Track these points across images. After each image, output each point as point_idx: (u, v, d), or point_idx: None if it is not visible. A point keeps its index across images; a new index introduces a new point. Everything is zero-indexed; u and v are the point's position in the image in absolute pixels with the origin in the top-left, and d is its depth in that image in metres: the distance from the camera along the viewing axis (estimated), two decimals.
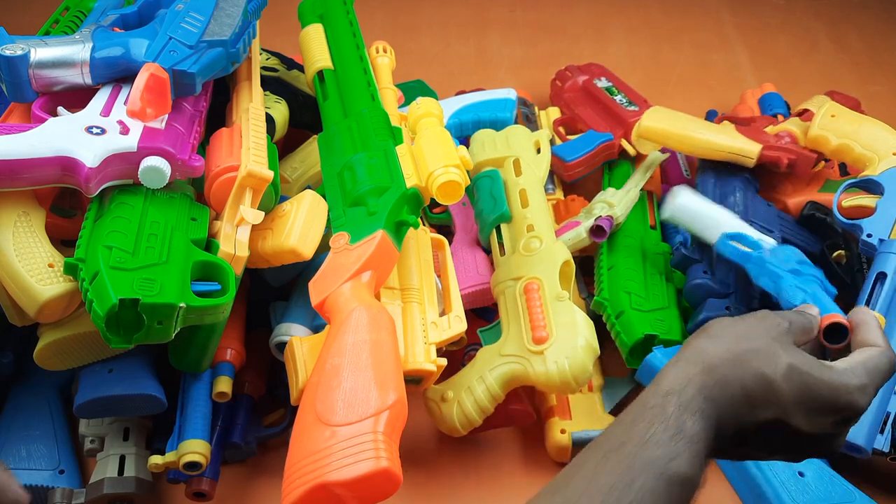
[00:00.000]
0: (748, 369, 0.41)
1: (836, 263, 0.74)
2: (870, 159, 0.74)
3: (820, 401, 0.42)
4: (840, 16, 1.22)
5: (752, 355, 0.42)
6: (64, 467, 0.61)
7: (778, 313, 0.46)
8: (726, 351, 0.42)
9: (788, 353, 0.42)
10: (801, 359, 0.42)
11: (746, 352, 0.42)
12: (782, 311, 0.49)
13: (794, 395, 0.41)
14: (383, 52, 0.82)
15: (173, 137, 0.59)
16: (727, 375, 0.41)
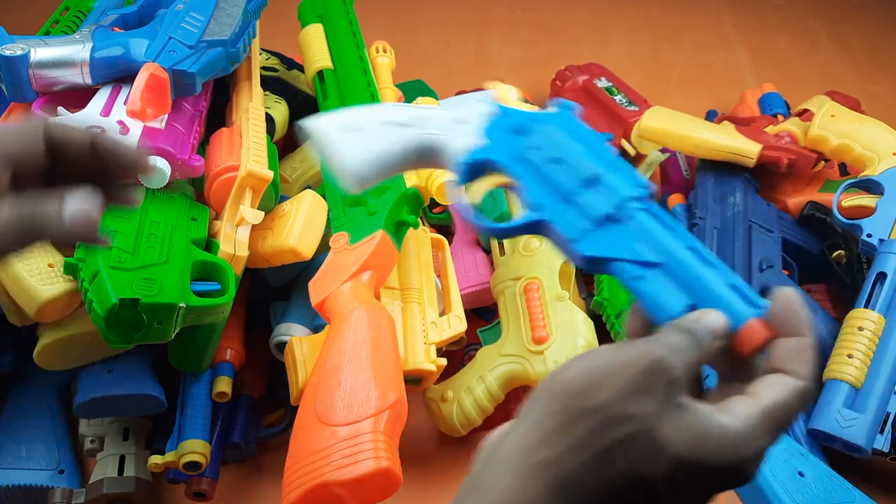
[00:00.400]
0: (611, 475, 0.30)
1: (836, 263, 0.74)
2: (870, 159, 0.74)
3: (710, 481, 0.31)
4: (840, 16, 1.22)
5: (618, 452, 0.30)
6: (64, 467, 0.61)
7: (655, 348, 0.32)
8: (576, 449, 0.30)
9: (673, 430, 0.30)
10: (690, 437, 0.30)
11: (611, 448, 0.30)
12: (658, 335, 0.33)
13: (683, 487, 0.31)
14: (383, 52, 0.82)
15: (173, 137, 0.59)
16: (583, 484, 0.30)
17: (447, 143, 0.42)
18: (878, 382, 0.61)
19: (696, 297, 0.36)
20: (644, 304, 0.36)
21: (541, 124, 0.41)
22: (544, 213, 0.39)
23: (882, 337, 0.63)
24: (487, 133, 0.42)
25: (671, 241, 0.37)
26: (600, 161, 0.40)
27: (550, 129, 0.41)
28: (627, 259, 0.37)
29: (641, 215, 0.38)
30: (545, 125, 0.41)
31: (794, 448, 0.57)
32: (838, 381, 0.61)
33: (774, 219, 0.75)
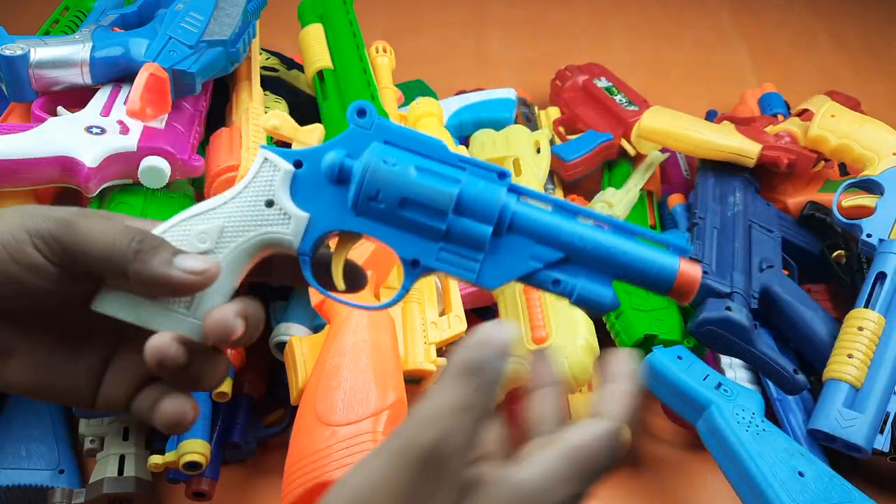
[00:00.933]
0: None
1: (836, 263, 0.74)
2: (870, 159, 0.74)
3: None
4: (840, 15, 1.22)
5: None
6: (64, 467, 0.61)
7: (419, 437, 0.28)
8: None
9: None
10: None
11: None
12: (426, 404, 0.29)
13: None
14: (383, 52, 0.82)
15: (173, 137, 0.59)
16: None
17: (272, 238, 0.35)
18: (877, 382, 0.61)
19: (617, 270, 0.34)
20: (579, 305, 0.35)
21: (355, 158, 0.35)
22: (422, 268, 0.35)
23: (882, 337, 0.63)
24: (302, 201, 0.35)
25: (563, 224, 0.35)
26: (445, 174, 0.35)
27: (372, 164, 0.35)
28: (534, 270, 0.35)
29: (521, 210, 0.35)
30: (361, 158, 0.35)
31: (794, 448, 0.57)
32: (838, 381, 0.61)
33: (774, 219, 0.75)
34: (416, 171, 0.35)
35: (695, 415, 0.61)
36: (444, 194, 0.35)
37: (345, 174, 0.35)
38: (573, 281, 0.35)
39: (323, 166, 0.35)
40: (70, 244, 0.33)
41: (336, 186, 0.35)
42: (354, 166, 0.35)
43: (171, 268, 0.33)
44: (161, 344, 0.33)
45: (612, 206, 0.74)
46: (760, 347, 0.63)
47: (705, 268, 0.67)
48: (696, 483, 0.66)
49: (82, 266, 0.34)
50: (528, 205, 0.36)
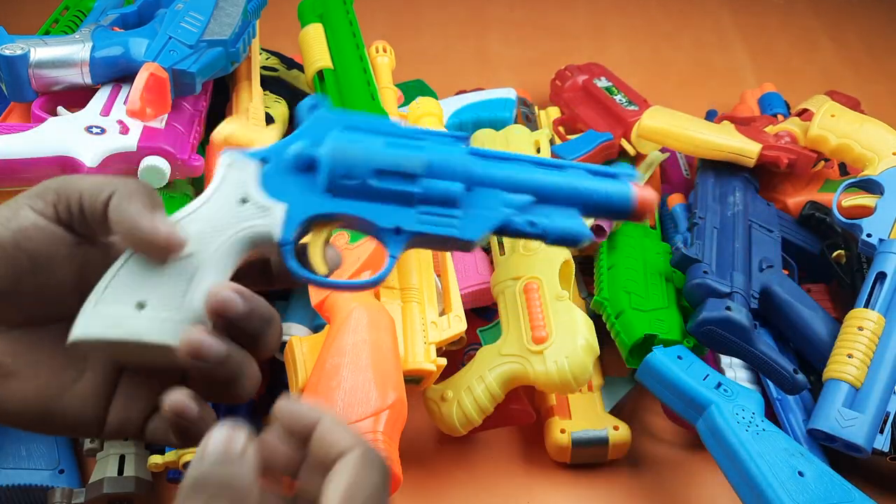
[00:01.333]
0: None
1: (836, 263, 0.74)
2: (870, 159, 0.74)
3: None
4: (840, 15, 1.22)
5: None
6: (63, 467, 0.61)
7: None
8: None
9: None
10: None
11: None
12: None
13: None
14: (383, 52, 0.82)
15: (173, 137, 0.59)
16: None
17: (252, 233, 0.36)
18: (877, 382, 0.61)
19: (582, 203, 0.38)
20: (557, 242, 0.38)
21: (319, 146, 0.37)
22: (406, 234, 0.37)
23: (882, 337, 0.63)
24: (275, 193, 0.36)
25: (527, 171, 0.38)
26: (411, 144, 0.37)
27: (339, 143, 0.36)
28: (510, 217, 0.37)
29: (486, 164, 0.38)
30: (326, 143, 0.37)
31: (794, 448, 0.57)
32: (838, 381, 0.61)
33: (774, 218, 0.75)
34: (383, 143, 0.37)
35: (695, 415, 0.61)
36: (414, 158, 0.37)
37: (312, 160, 0.36)
38: (546, 221, 0.38)
39: (289, 157, 0.37)
40: (60, 189, 0.34)
41: (305, 175, 0.36)
42: (320, 151, 0.36)
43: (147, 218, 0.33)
44: (223, 291, 0.32)
45: None
46: (760, 347, 0.63)
47: (705, 268, 0.67)
48: (695, 483, 0.66)
49: (77, 213, 0.34)
50: (491, 160, 0.39)
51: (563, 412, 0.66)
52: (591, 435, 0.64)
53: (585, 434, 0.64)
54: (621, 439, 0.65)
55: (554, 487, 0.65)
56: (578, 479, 0.66)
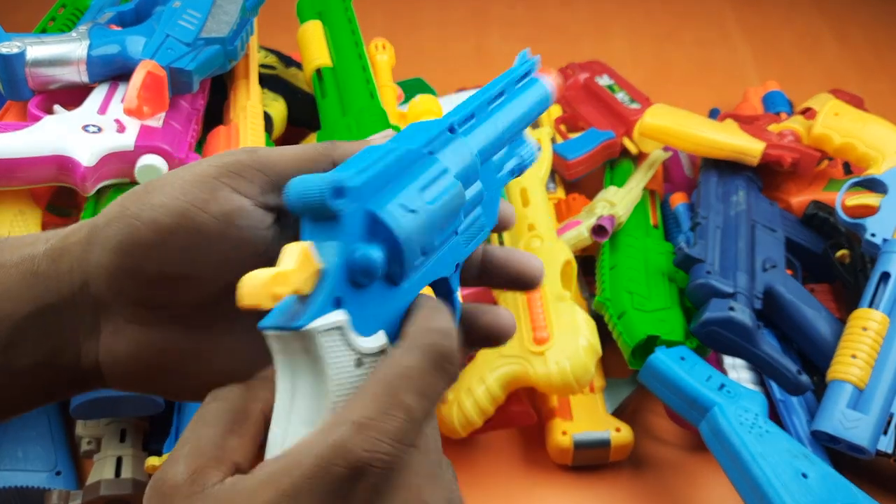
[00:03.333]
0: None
1: (840, 263, 0.73)
2: (874, 158, 0.73)
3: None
4: (844, 13, 1.22)
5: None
6: (60, 469, 0.61)
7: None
8: None
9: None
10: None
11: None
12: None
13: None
14: (382, 50, 0.82)
15: (170, 136, 0.59)
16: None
17: None
18: (881, 383, 0.61)
19: (525, 125, 0.38)
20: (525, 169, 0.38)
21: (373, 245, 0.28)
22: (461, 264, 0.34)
23: (886, 337, 0.62)
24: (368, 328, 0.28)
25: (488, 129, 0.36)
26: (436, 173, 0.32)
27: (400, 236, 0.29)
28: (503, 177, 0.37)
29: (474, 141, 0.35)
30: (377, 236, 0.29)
31: (797, 449, 0.57)
32: (842, 382, 0.61)
33: (778, 218, 0.75)
34: (418, 190, 0.31)
35: (697, 416, 0.61)
36: (458, 195, 0.32)
37: (382, 266, 0.28)
38: (517, 160, 0.38)
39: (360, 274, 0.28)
40: (264, 167, 0.30)
41: (376, 286, 0.29)
42: (376, 253, 0.28)
43: None
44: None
45: (613, 204, 0.74)
46: (763, 348, 0.63)
47: (708, 268, 0.66)
48: (698, 485, 0.65)
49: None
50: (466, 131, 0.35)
51: (565, 414, 0.65)
52: (593, 437, 0.64)
53: (587, 436, 0.64)
54: (623, 441, 0.64)
55: (555, 490, 0.65)
56: (580, 481, 0.65)
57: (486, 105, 0.36)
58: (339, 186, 0.27)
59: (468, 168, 0.33)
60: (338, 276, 0.27)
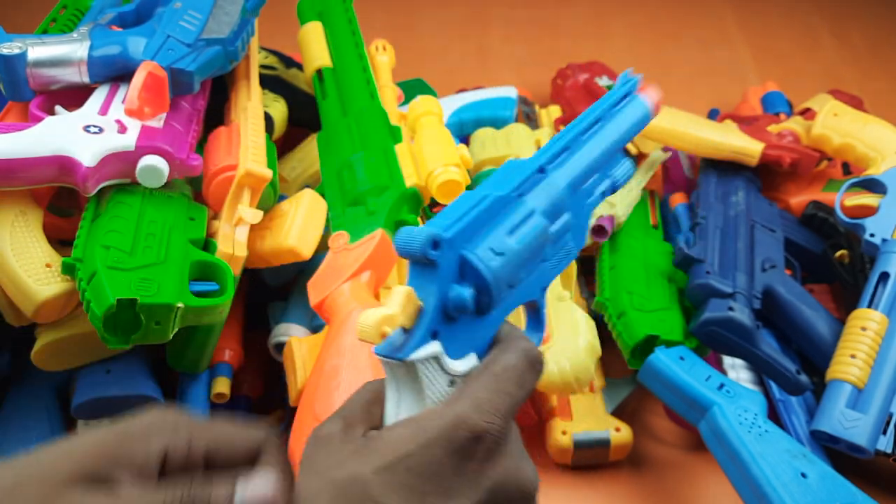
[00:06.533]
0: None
1: (839, 263, 0.73)
2: (873, 158, 0.73)
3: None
4: (843, 13, 1.22)
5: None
6: None
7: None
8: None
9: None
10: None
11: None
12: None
13: None
14: (383, 51, 0.82)
15: (171, 136, 0.59)
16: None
17: None
18: (881, 383, 0.61)
19: (622, 145, 0.42)
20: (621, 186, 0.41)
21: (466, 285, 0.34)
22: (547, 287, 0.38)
23: (885, 337, 0.62)
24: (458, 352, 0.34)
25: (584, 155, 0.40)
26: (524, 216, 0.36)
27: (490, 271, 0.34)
28: (593, 204, 0.40)
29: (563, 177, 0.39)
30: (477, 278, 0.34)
31: (796, 449, 0.57)
32: (841, 382, 0.61)
33: (777, 218, 0.75)
34: (506, 232, 0.35)
35: (697, 416, 0.61)
36: (544, 234, 0.37)
37: (472, 302, 0.34)
38: (608, 181, 0.41)
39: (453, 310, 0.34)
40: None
41: (466, 317, 0.34)
42: (467, 293, 0.34)
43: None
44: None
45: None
46: (763, 348, 0.63)
47: (707, 268, 0.67)
48: (697, 484, 0.65)
49: None
50: (560, 162, 0.39)
51: (565, 413, 0.66)
52: (593, 436, 0.64)
53: (587, 435, 0.64)
54: (623, 441, 0.64)
55: (555, 489, 0.65)
56: (580, 481, 0.65)
57: (580, 135, 0.40)
58: (436, 239, 0.33)
59: (555, 203, 0.38)
60: (434, 313, 0.33)
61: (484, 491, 0.32)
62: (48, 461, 0.32)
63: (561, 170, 0.38)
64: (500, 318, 0.36)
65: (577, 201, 0.39)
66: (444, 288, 0.33)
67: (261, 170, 0.59)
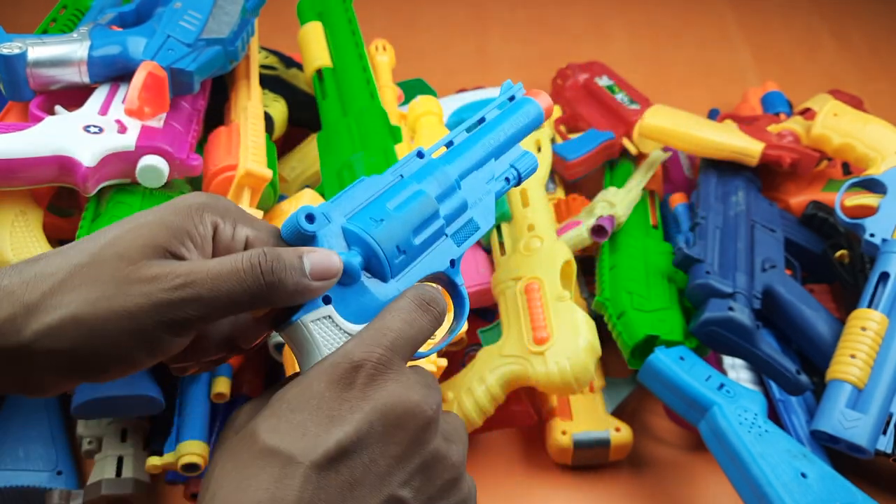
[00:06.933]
0: None
1: (839, 263, 0.73)
2: (872, 159, 0.73)
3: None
4: (843, 14, 1.22)
5: None
6: (61, 468, 0.61)
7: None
8: None
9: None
10: None
11: None
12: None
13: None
14: (383, 51, 0.82)
15: (171, 136, 0.59)
16: None
17: None
18: (881, 383, 0.61)
19: (519, 138, 0.46)
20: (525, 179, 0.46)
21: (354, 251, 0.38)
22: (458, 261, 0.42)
23: (885, 337, 0.62)
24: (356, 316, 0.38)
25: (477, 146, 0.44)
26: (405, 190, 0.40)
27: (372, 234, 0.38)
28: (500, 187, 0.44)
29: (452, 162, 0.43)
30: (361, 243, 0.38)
31: (796, 449, 0.57)
32: (841, 382, 0.61)
33: (777, 218, 0.75)
34: (393, 206, 0.39)
35: (697, 416, 0.61)
36: (426, 201, 0.40)
37: (359, 265, 0.37)
38: (512, 169, 0.45)
39: (348, 277, 0.37)
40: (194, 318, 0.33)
41: (361, 283, 0.38)
42: (365, 253, 0.38)
43: (306, 279, 0.35)
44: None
45: (613, 205, 0.74)
46: (763, 348, 0.63)
47: (707, 268, 0.67)
48: (697, 484, 0.65)
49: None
50: (448, 155, 0.44)
51: (565, 413, 0.66)
52: (593, 436, 0.64)
53: (587, 435, 0.64)
54: (623, 440, 0.64)
55: (555, 489, 0.65)
56: (580, 481, 0.65)
57: (463, 131, 0.45)
58: (309, 213, 0.37)
59: (443, 183, 0.42)
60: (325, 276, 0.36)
61: (369, 412, 0.34)
62: (120, 239, 0.34)
63: (453, 161, 0.43)
64: (404, 285, 0.39)
65: (475, 185, 0.43)
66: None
67: (261, 170, 0.59)
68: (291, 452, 0.32)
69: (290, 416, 0.33)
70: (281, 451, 0.32)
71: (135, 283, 0.33)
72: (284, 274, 0.34)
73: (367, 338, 0.35)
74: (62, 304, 0.32)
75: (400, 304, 0.37)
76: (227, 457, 0.34)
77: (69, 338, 0.32)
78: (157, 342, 0.33)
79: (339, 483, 0.33)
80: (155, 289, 0.33)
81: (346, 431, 0.33)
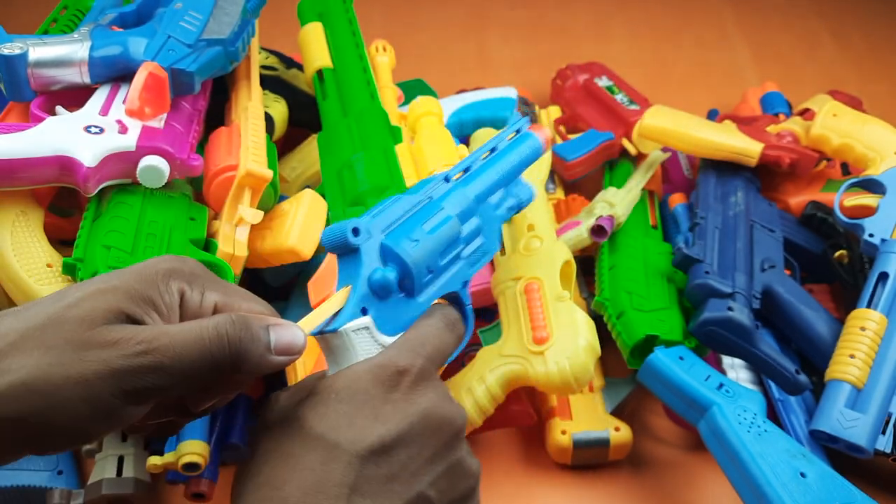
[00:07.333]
0: None
1: (838, 263, 0.74)
2: (872, 159, 0.73)
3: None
4: (843, 14, 1.22)
5: None
6: (62, 468, 0.61)
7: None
8: None
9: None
10: None
11: None
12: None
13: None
14: (383, 51, 0.82)
15: (172, 137, 0.59)
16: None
17: None
18: (880, 383, 0.61)
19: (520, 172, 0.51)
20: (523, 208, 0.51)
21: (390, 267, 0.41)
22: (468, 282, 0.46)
23: (884, 337, 0.63)
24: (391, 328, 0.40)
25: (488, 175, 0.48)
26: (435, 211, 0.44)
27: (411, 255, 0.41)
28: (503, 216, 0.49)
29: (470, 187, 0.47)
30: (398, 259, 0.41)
31: (795, 448, 0.57)
32: (840, 382, 0.61)
33: (776, 218, 0.75)
34: (425, 228, 0.42)
35: (696, 415, 0.61)
36: (454, 226, 0.44)
37: (393, 281, 0.40)
38: (514, 199, 0.50)
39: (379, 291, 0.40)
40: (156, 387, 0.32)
41: (392, 297, 0.41)
42: (391, 273, 0.40)
43: (270, 355, 0.35)
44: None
45: (613, 205, 0.74)
46: (762, 348, 0.63)
47: (706, 268, 0.67)
48: (697, 484, 0.66)
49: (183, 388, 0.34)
50: (466, 180, 0.47)
51: (564, 413, 0.66)
52: (592, 436, 0.64)
53: (586, 435, 0.64)
54: (622, 440, 0.64)
55: (554, 489, 0.65)
56: (579, 481, 0.65)
57: (479, 158, 0.49)
58: (355, 227, 0.40)
59: (464, 206, 0.45)
60: (360, 292, 0.39)
61: (411, 415, 0.36)
62: (82, 301, 0.33)
63: (470, 185, 0.46)
64: (427, 304, 0.42)
65: (486, 211, 0.47)
66: (370, 270, 0.40)
67: (261, 170, 0.59)
68: (338, 440, 0.34)
69: (338, 406, 0.35)
70: (328, 437, 0.34)
71: (93, 347, 0.31)
72: (251, 345, 0.34)
73: (408, 348, 0.39)
74: (11, 370, 0.30)
75: (431, 321, 0.41)
76: (272, 438, 0.35)
77: (18, 406, 0.30)
78: (114, 412, 0.31)
79: (377, 475, 0.35)
80: (114, 355, 0.31)
81: (389, 429, 0.35)
